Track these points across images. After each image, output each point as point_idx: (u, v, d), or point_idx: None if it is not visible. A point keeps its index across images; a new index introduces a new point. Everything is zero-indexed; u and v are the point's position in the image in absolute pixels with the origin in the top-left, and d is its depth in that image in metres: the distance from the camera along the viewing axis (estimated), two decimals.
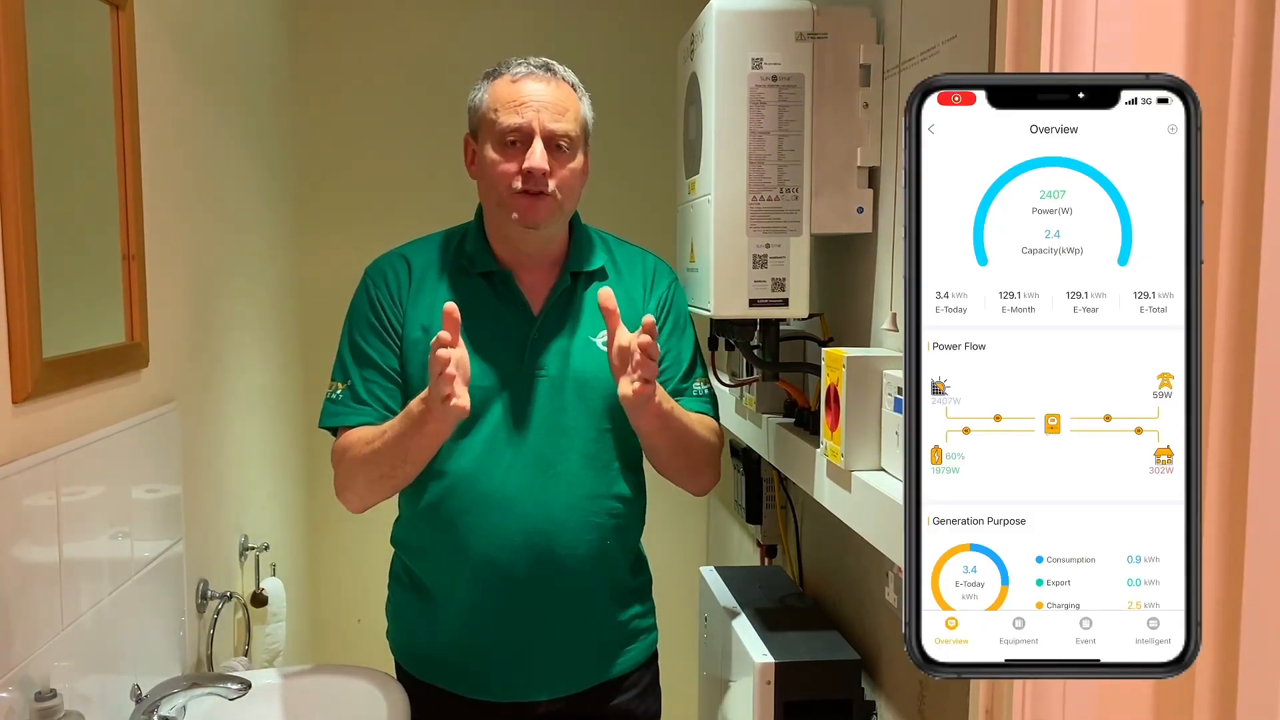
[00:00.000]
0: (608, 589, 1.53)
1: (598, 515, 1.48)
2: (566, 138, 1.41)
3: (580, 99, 1.47)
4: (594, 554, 1.48)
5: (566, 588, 1.47)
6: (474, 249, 1.49)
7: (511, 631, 1.48)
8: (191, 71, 1.77)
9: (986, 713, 0.77)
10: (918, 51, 1.23)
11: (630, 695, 1.58)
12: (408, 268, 1.50)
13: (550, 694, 1.51)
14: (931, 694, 1.35)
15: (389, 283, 1.49)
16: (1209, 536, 0.68)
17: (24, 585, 1.14)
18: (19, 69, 1.11)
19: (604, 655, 1.55)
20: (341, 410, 1.46)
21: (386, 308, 1.48)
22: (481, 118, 1.44)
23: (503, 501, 1.44)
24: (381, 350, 1.47)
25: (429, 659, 1.54)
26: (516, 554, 1.44)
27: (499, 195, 1.42)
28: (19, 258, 1.11)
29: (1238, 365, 0.67)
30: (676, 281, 1.58)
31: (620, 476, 1.51)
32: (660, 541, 2.99)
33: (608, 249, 1.56)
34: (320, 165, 2.67)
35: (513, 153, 1.40)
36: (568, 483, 1.46)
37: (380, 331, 1.47)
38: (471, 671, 1.51)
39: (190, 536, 1.68)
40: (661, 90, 2.27)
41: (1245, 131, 0.66)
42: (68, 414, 1.27)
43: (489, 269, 1.48)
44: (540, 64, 1.44)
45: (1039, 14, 0.70)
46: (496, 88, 1.43)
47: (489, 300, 1.48)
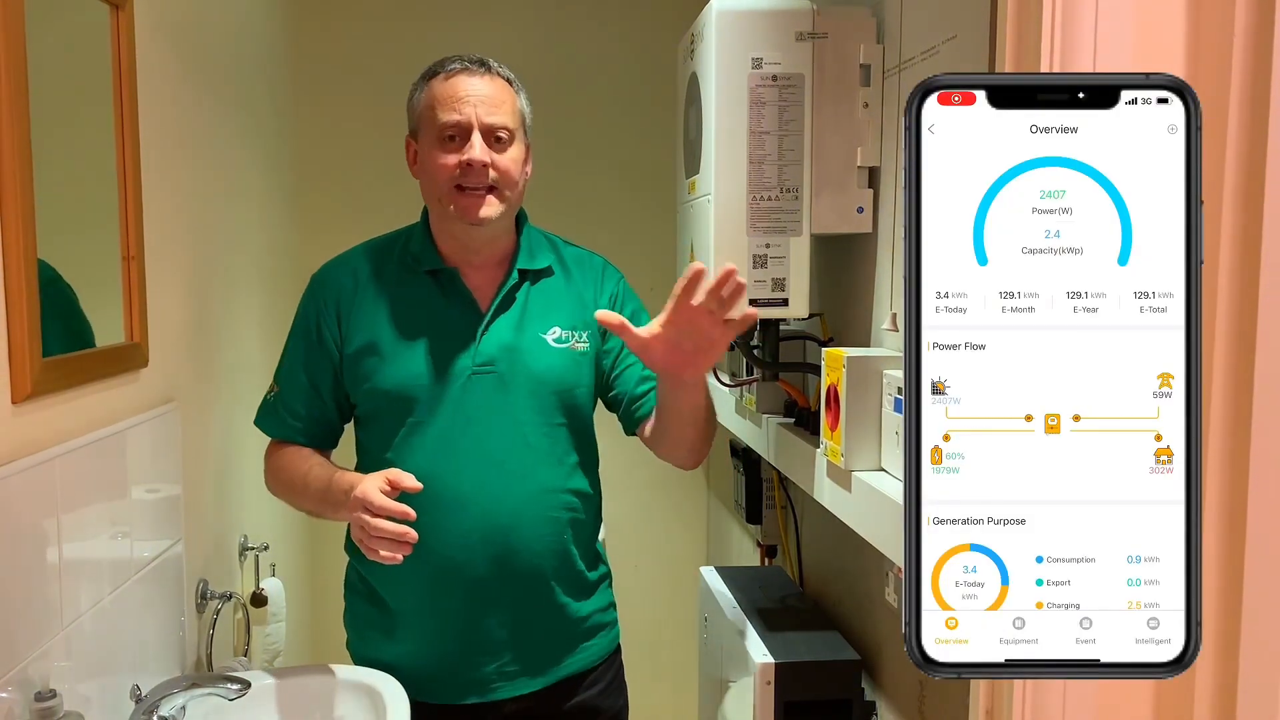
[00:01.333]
0: (567, 584, 1.54)
1: (554, 509, 1.50)
2: (505, 129, 1.44)
3: (517, 93, 1.49)
4: (551, 549, 1.50)
5: (526, 584, 1.49)
6: (419, 248, 1.52)
7: (472, 631, 1.49)
8: (191, 71, 1.77)
9: (986, 713, 0.77)
10: (918, 51, 1.23)
11: (595, 690, 1.60)
12: (353, 276, 1.53)
13: (514, 691, 1.52)
14: (931, 694, 1.35)
15: (329, 294, 1.52)
16: (1209, 536, 0.68)
17: (24, 585, 1.13)
18: (19, 69, 1.11)
19: (566, 650, 1.56)
20: (270, 417, 1.55)
21: (326, 321, 1.51)
22: (420, 116, 1.47)
23: (457, 499, 1.45)
24: (312, 368, 1.52)
25: (391, 666, 1.55)
26: (474, 552, 1.46)
27: (440, 192, 1.45)
28: (19, 258, 1.11)
29: (1238, 365, 0.67)
30: (624, 280, 1.62)
31: (576, 471, 1.53)
32: (660, 541, 2.99)
33: (554, 248, 1.59)
34: (320, 165, 2.67)
35: (452, 147, 1.43)
36: (521, 478, 1.47)
37: (315, 345, 1.52)
38: (434, 676, 1.52)
39: (190, 536, 1.68)
40: (661, 90, 2.27)
41: (1245, 131, 0.66)
42: (68, 414, 1.27)
43: (435, 267, 1.50)
44: (476, 60, 1.46)
45: (1039, 14, 0.70)
46: (433, 86, 1.45)
47: (436, 298, 1.50)
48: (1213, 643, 0.68)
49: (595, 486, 1.59)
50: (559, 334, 1.52)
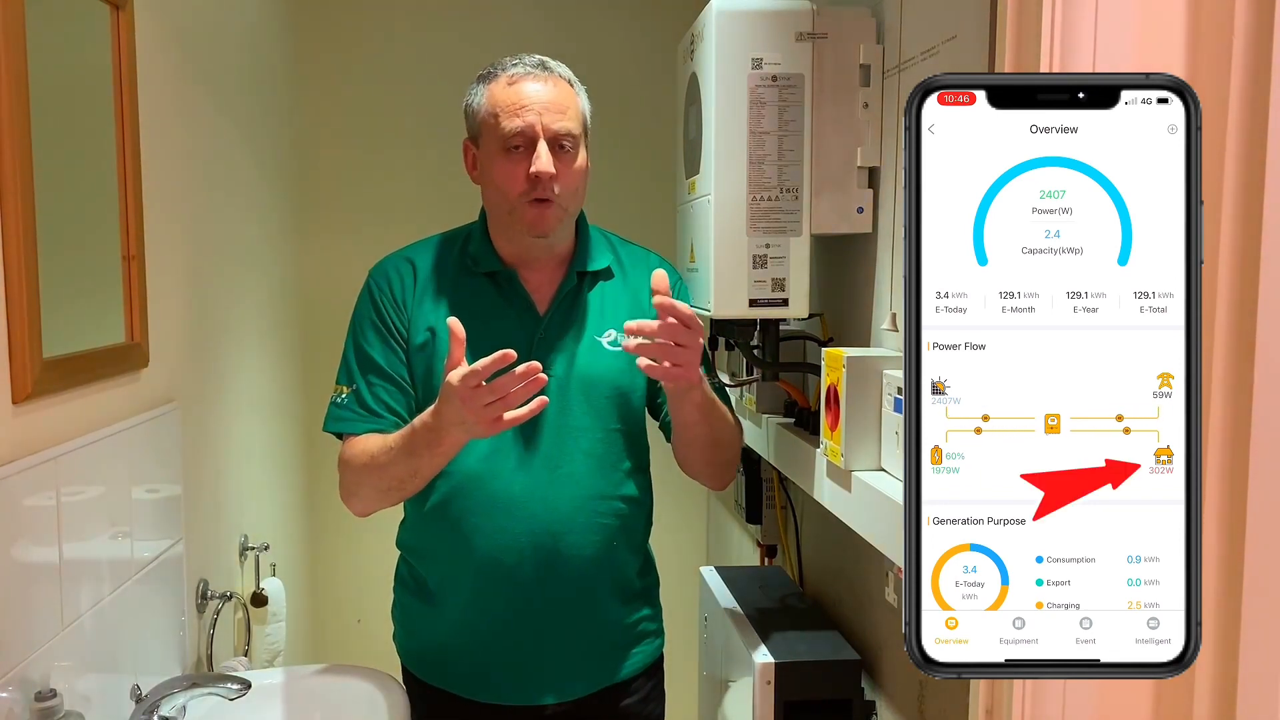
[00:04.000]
0: (614, 591, 1.52)
1: (604, 516, 1.47)
2: (570, 136, 1.40)
3: (578, 94, 1.45)
4: (600, 555, 1.47)
5: (572, 589, 1.46)
6: (478, 249, 1.49)
7: (517, 634, 1.47)
8: (191, 71, 1.77)
9: (986, 713, 0.77)
10: (918, 51, 1.23)
11: (636, 698, 1.58)
12: (412, 269, 1.49)
13: (558, 697, 1.50)
14: (931, 694, 1.35)
15: (393, 285, 1.47)
16: (1209, 536, 0.68)
17: (24, 585, 1.14)
18: (19, 69, 1.11)
19: (611, 658, 1.54)
20: (347, 416, 1.44)
21: (390, 311, 1.46)
22: (482, 123, 1.42)
23: (508, 502, 1.43)
24: (386, 355, 1.45)
25: (435, 662, 1.53)
26: (522, 555, 1.44)
27: (509, 204, 1.41)
28: (19, 258, 1.11)
29: (1238, 365, 0.67)
30: (681, 281, 1.58)
31: (628, 477, 1.50)
32: (660, 541, 2.99)
33: (613, 249, 1.56)
34: (321, 165, 2.67)
35: (518, 157, 1.39)
36: (574, 483, 1.45)
37: (385, 335, 1.46)
38: (478, 674, 1.50)
39: (190, 536, 1.68)
40: (661, 90, 2.27)
41: (1245, 131, 0.66)
42: (68, 414, 1.27)
43: (493, 269, 1.47)
44: (536, 63, 1.43)
45: (1039, 14, 0.70)
46: (494, 91, 1.41)
47: (494, 300, 1.47)
48: (1213, 643, 0.68)
49: (646, 491, 1.56)
50: (614, 336, 1.49)
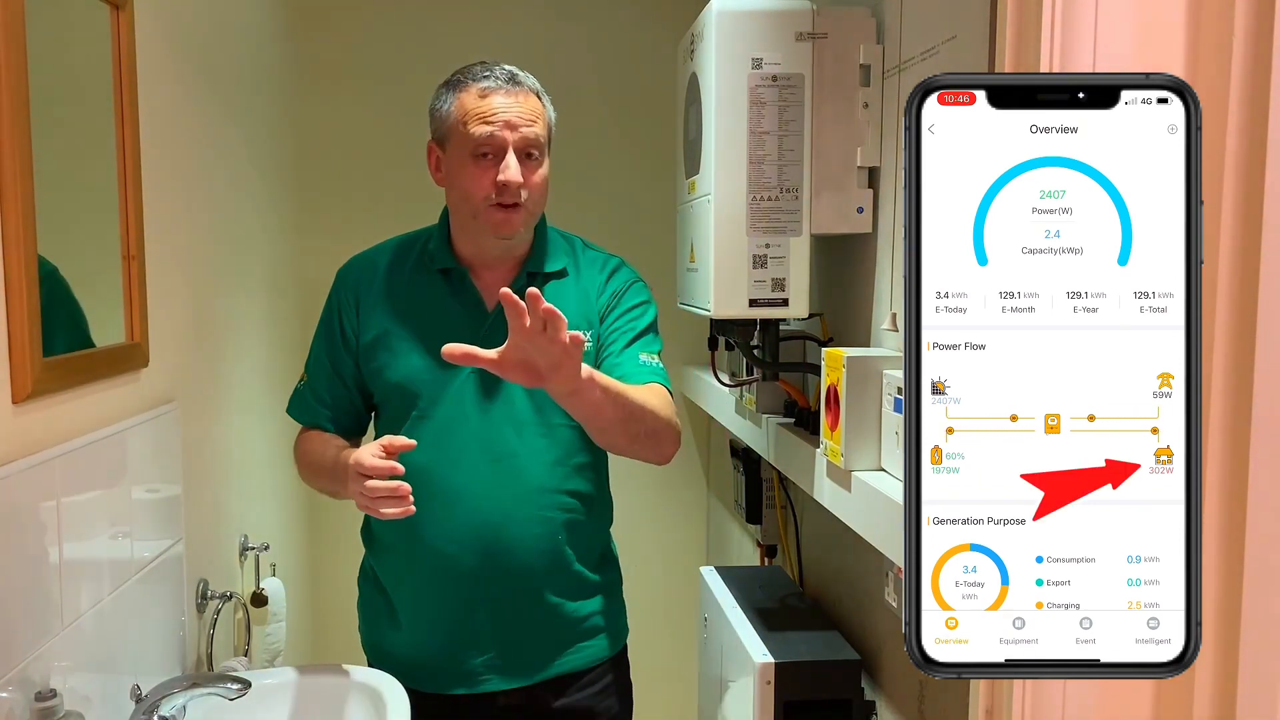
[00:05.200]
0: (561, 584, 1.55)
1: (549, 509, 1.51)
2: (537, 145, 1.46)
3: (545, 105, 1.51)
4: (544, 548, 1.51)
5: (514, 580, 1.51)
6: (436, 247, 1.55)
7: (462, 624, 1.52)
8: (192, 71, 1.77)
9: (986, 713, 0.77)
10: (918, 51, 1.23)
11: (590, 692, 1.60)
12: (372, 270, 1.57)
13: (501, 685, 1.54)
14: (931, 694, 1.35)
15: (351, 288, 1.57)
16: (1209, 536, 0.68)
17: (24, 585, 1.13)
18: (19, 69, 1.11)
19: (556, 649, 1.57)
20: (300, 406, 1.61)
21: (345, 314, 1.56)
22: (450, 129, 1.47)
23: (451, 493, 1.49)
24: (335, 356, 1.57)
25: (391, 655, 1.59)
26: (464, 546, 1.49)
27: (473, 208, 1.46)
28: (19, 258, 1.11)
29: (1238, 365, 0.67)
30: (635, 279, 1.60)
31: (577, 473, 1.54)
32: (660, 541, 2.99)
33: (573, 252, 1.60)
34: (321, 165, 2.67)
35: (486, 164, 1.44)
36: (517, 476, 1.50)
37: (337, 338, 1.57)
38: (429, 665, 1.55)
39: (190, 536, 1.68)
40: (661, 90, 2.27)
41: (1245, 131, 0.66)
42: (68, 414, 1.27)
43: (447, 266, 1.53)
44: (506, 75, 1.47)
45: (1039, 14, 0.70)
46: (465, 100, 1.45)
47: (443, 296, 1.53)
48: (1213, 643, 0.68)
49: (602, 489, 1.60)
50: None
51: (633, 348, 1.53)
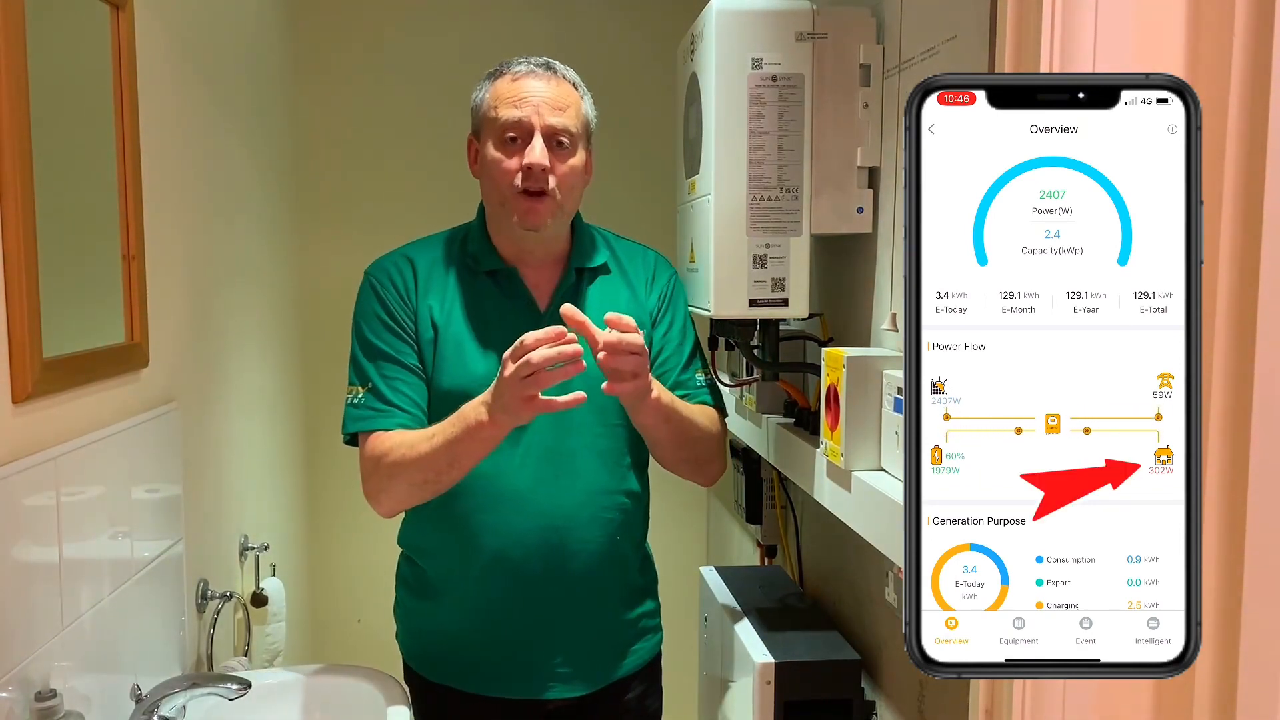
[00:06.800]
0: (618, 586, 1.54)
1: (608, 511, 1.49)
2: (566, 133, 1.41)
3: (581, 97, 1.47)
4: (605, 550, 1.49)
5: (578, 584, 1.48)
6: (477, 248, 1.49)
7: (524, 628, 1.48)
8: (191, 71, 1.77)
9: (986, 713, 0.77)
10: (918, 51, 1.23)
11: (635, 694, 1.59)
12: (411, 267, 1.49)
13: (561, 692, 1.51)
14: (931, 694, 1.35)
15: (394, 281, 1.47)
16: (1209, 536, 0.68)
17: (24, 585, 1.13)
18: (19, 69, 1.11)
19: (614, 654, 1.55)
20: (367, 414, 1.42)
21: (397, 305, 1.46)
22: (483, 116, 1.45)
23: (515, 498, 1.44)
24: (400, 347, 1.44)
25: (439, 659, 1.54)
26: (529, 550, 1.45)
27: (501, 195, 1.43)
28: (19, 258, 1.11)
29: (1238, 365, 0.67)
30: (676, 275, 1.59)
31: (630, 472, 1.52)
32: (660, 541, 2.99)
33: (609, 246, 1.57)
34: (321, 165, 2.67)
35: (513, 149, 1.41)
36: (579, 478, 1.46)
37: (395, 329, 1.45)
38: (483, 668, 1.51)
39: (190, 536, 1.68)
40: (661, 90, 2.27)
41: (1245, 131, 0.66)
42: (68, 414, 1.27)
43: (494, 267, 1.48)
44: (541, 62, 1.45)
45: (1039, 14, 0.70)
46: (498, 86, 1.44)
47: (495, 298, 1.48)
48: (1213, 643, 0.68)
49: (646, 487, 1.57)
50: None
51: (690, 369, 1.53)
